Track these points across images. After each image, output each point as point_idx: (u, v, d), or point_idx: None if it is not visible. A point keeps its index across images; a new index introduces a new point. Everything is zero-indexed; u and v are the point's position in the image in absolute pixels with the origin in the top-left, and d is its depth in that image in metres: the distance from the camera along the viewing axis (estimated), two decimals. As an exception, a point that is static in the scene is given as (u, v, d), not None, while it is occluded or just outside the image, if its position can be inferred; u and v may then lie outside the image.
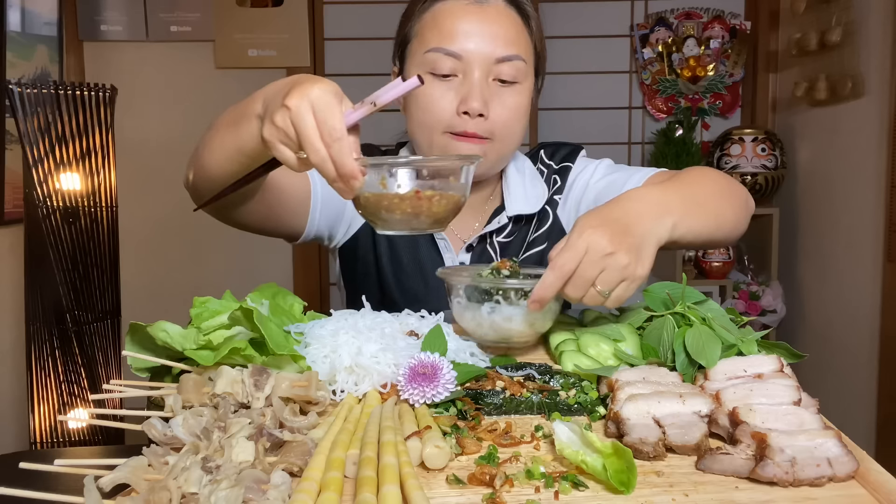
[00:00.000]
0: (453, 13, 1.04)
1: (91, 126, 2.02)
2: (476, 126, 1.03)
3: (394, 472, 0.55)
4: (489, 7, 1.04)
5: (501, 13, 1.05)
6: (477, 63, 1.03)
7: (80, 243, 2.02)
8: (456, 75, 1.04)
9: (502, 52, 1.03)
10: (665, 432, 0.62)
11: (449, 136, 1.05)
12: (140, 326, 0.76)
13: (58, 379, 2.04)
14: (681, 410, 0.64)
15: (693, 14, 3.02)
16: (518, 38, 1.06)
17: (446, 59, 1.03)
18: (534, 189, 1.18)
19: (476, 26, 1.03)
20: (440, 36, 1.03)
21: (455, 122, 1.04)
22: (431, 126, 1.05)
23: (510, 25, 1.05)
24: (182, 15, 2.91)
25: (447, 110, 1.04)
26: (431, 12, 1.06)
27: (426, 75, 1.03)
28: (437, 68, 1.03)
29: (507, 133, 1.07)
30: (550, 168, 1.22)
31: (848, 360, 2.44)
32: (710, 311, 0.80)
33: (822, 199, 2.61)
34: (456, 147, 1.05)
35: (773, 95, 2.95)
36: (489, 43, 1.03)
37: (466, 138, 1.04)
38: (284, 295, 0.89)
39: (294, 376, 0.70)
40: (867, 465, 0.58)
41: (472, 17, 1.03)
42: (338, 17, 2.99)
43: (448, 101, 1.04)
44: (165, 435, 0.61)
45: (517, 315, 0.85)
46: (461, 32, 1.03)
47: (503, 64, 1.04)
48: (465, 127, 1.03)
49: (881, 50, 2.22)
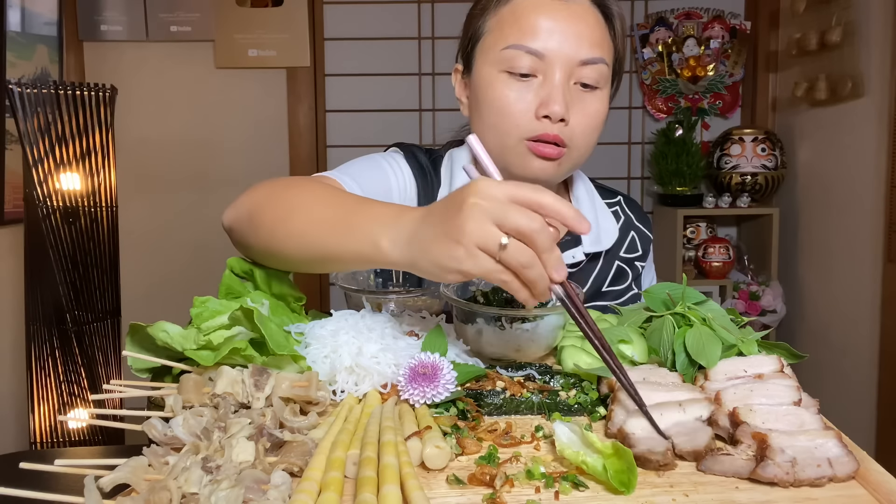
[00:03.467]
0: (536, 8, 0.96)
1: (91, 126, 2.02)
2: (557, 130, 0.96)
3: (394, 473, 0.55)
4: (574, 4, 0.97)
5: (587, 12, 0.97)
6: (559, 63, 0.95)
7: (80, 243, 2.02)
8: (536, 76, 0.96)
9: (587, 54, 0.96)
10: (672, 442, 0.61)
11: (525, 145, 0.97)
12: (140, 327, 0.76)
13: (58, 379, 2.04)
14: (683, 419, 0.64)
15: (693, 14, 3.02)
16: (602, 40, 0.98)
17: (527, 56, 0.95)
18: (605, 222, 1.13)
19: (560, 24, 0.95)
20: (521, 32, 0.95)
21: (534, 126, 0.96)
22: (506, 130, 0.98)
23: (595, 26, 0.97)
24: (182, 15, 2.91)
25: (525, 114, 0.96)
26: (511, 6, 0.98)
27: (502, 74, 0.97)
28: (515, 67, 0.96)
29: (583, 142, 0.99)
30: (631, 222, 1.18)
31: (848, 360, 2.44)
32: (710, 312, 0.80)
33: (822, 199, 2.61)
34: (531, 158, 0.98)
35: (773, 95, 2.95)
36: (573, 43, 0.95)
37: (545, 144, 0.96)
38: (283, 291, 0.89)
39: (294, 376, 0.70)
40: (867, 465, 0.58)
41: (556, 14, 0.95)
42: (338, 17, 2.99)
43: (526, 104, 0.96)
44: (165, 435, 0.61)
45: (505, 339, 0.82)
46: (544, 29, 0.95)
47: (586, 67, 0.96)
48: (544, 130, 0.96)
49: (881, 50, 2.22)
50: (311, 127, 3.01)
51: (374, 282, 1.06)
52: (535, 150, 0.97)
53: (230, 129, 2.98)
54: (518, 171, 1.00)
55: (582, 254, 1.10)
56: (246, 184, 0.94)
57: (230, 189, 3.13)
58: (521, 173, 1.00)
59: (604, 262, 1.13)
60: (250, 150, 3.00)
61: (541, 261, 0.63)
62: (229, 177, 3.00)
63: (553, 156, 0.97)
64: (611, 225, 1.14)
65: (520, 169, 1.00)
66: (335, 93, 3.03)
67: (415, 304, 0.95)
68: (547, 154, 0.97)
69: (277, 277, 0.89)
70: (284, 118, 3.01)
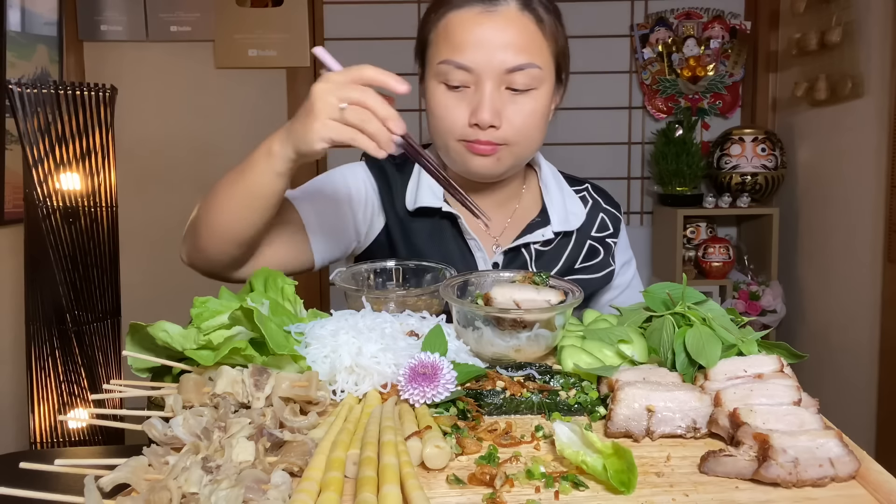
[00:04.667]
0: (463, 24, 1.03)
1: (91, 126, 2.02)
2: (488, 136, 1.04)
3: (394, 472, 0.55)
4: (499, 15, 1.02)
5: (513, 20, 1.02)
6: (487, 75, 1.02)
7: (80, 243, 2.02)
8: (468, 86, 1.03)
9: (513, 62, 1.01)
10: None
11: (463, 145, 1.06)
12: (140, 326, 0.76)
13: (58, 379, 2.04)
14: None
15: (693, 14, 3.02)
16: (531, 45, 1.03)
17: (457, 71, 1.02)
18: (572, 206, 1.22)
19: (487, 36, 1.01)
20: (450, 48, 1.03)
21: (467, 133, 1.05)
22: (444, 134, 1.08)
23: (522, 32, 1.02)
24: (182, 15, 2.91)
25: (459, 121, 1.05)
26: (444, 21, 1.05)
27: (440, 85, 1.05)
28: (449, 80, 1.04)
29: (522, 138, 1.07)
30: (599, 205, 1.27)
31: (848, 360, 2.44)
32: (710, 311, 0.80)
33: (822, 199, 2.61)
34: (469, 156, 1.07)
35: (773, 95, 2.95)
36: (500, 53, 1.01)
37: (480, 145, 1.05)
38: (275, 277, 0.89)
39: (294, 376, 0.70)
40: (867, 465, 0.58)
41: (482, 27, 1.01)
42: (338, 17, 2.99)
43: (461, 112, 1.04)
44: (165, 435, 0.61)
45: (502, 342, 0.83)
46: (470, 44, 1.01)
47: (515, 73, 1.02)
48: (476, 136, 1.04)
49: (881, 50, 2.22)
50: (311, 127, 3.01)
51: (375, 282, 1.06)
52: (470, 148, 1.06)
53: (230, 129, 2.98)
54: (460, 168, 1.11)
55: (551, 232, 1.18)
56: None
57: (230, 189, 3.13)
58: (462, 170, 1.11)
59: (575, 241, 1.22)
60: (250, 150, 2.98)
61: (379, 119, 0.83)
62: (229, 177, 3.00)
63: (488, 152, 1.06)
64: (578, 208, 1.22)
65: (461, 166, 1.10)
66: (335, 93, 3.03)
67: (415, 305, 0.95)
68: (482, 151, 1.05)
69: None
70: (284, 118, 3.00)
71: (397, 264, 1.07)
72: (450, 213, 1.14)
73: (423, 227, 1.15)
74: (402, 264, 1.07)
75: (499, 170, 1.10)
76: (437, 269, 1.05)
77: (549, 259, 1.20)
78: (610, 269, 1.25)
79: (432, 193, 1.14)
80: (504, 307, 0.83)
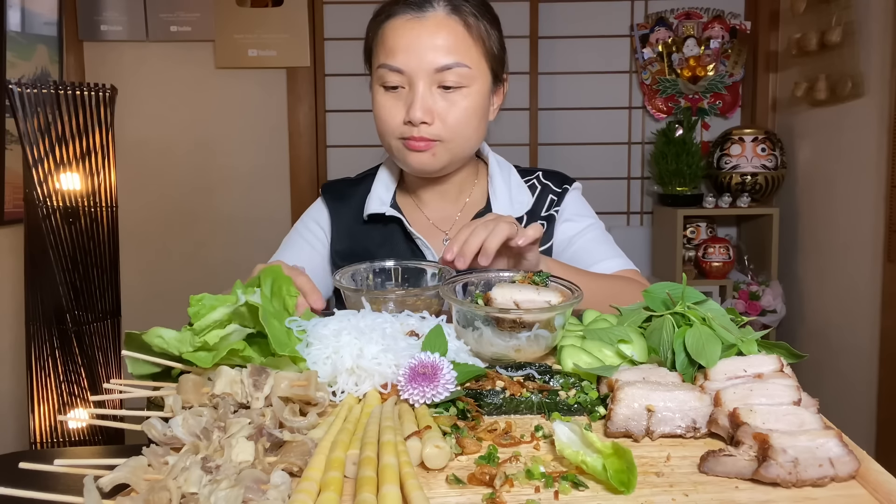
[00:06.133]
0: (395, 30, 1.12)
1: (91, 126, 2.02)
2: (421, 132, 1.12)
3: (394, 472, 0.55)
4: (427, 21, 1.11)
5: (441, 24, 1.11)
6: (418, 75, 1.10)
7: (80, 243, 2.02)
8: (403, 87, 1.13)
9: (442, 62, 1.10)
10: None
11: (402, 142, 1.14)
12: (136, 335, 0.75)
13: (58, 379, 2.04)
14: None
15: (693, 14, 3.02)
16: (459, 46, 1.11)
17: (392, 74, 1.12)
18: (519, 195, 1.27)
19: (417, 40, 1.10)
20: (386, 52, 1.13)
21: (403, 130, 1.13)
22: (386, 133, 1.16)
23: (450, 34, 1.11)
24: (182, 15, 2.92)
25: (396, 119, 1.13)
26: (382, 30, 1.15)
27: (380, 87, 1.14)
28: (386, 82, 1.13)
29: (456, 134, 1.14)
30: (547, 188, 1.30)
31: (848, 360, 2.44)
32: (710, 311, 0.80)
33: (822, 199, 2.61)
34: (406, 153, 1.15)
35: (773, 95, 2.95)
36: (429, 55, 1.10)
37: (415, 142, 1.13)
38: (283, 284, 0.87)
39: (293, 375, 0.70)
40: (867, 465, 0.58)
41: (412, 32, 1.11)
42: (338, 17, 3.00)
43: (397, 112, 1.13)
44: (165, 435, 0.61)
45: (502, 342, 0.83)
46: (401, 48, 1.11)
47: (445, 72, 1.11)
48: (411, 133, 1.12)
49: (881, 50, 2.22)
50: (311, 127, 3.01)
51: (374, 282, 1.06)
52: (407, 145, 1.14)
53: (230, 129, 2.98)
54: (402, 164, 1.20)
55: None
56: (246, 184, 0.97)
57: (230, 189, 3.14)
58: (404, 166, 1.20)
59: (526, 224, 1.24)
60: (250, 150, 3.00)
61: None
62: (229, 177, 3.00)
63: (423, 148, 1.14)
64: (525, 196, 1.28)
65: (402, 162, 1.19)
66: (335, 93, 3.03)
67: (414, 304, 0.95)
68: (417, 147, 1.13)
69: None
70: (284, 118, 3.01)
71: (396, 264, 1.07)
72: (395, 217, 1.23)
73: (376, 233, 1.26)
74: (401, 264, 1.07)
75: (435, 165, 1.16)
76: (438, 268, 1.05)
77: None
78: (549, 245, 1.27)
79: (379, 201, 1.24)
80: (504, 307, 0.83)
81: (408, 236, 1.24)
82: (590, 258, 1.24)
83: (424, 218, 1.27)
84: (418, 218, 1.27)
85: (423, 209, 1.28)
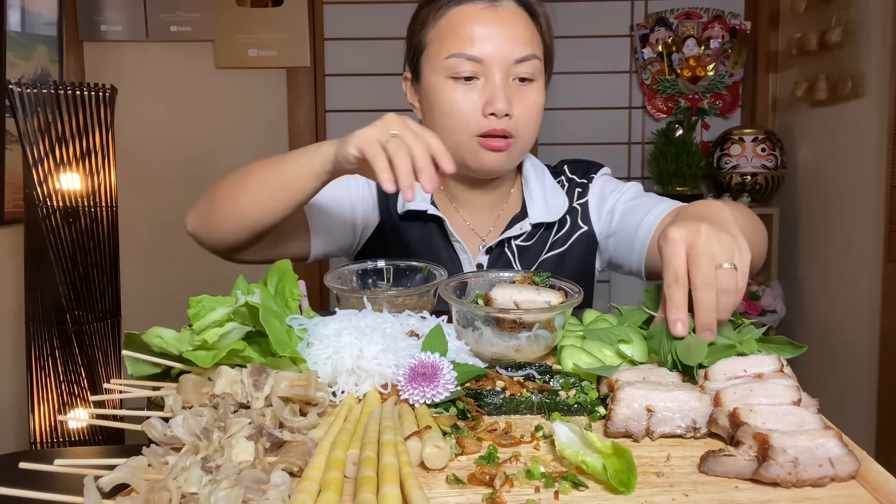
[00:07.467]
0: (470, 17, 1.07)
1: (91, 126, 2.02)
2: (504, 124, 1.07)
3: (394, 472, 0.55)
4: (502, 9, 1.08)
5: (515, 14, 1.08)
6: (497, 65, 1.06)
7: (80, 243, 2.02)
8: (478, 78, 1.07)
9: (520, 53, 1.07)
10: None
11: (476, 141, 1.08)
12: (135, 336, 0.75)
13: (58, 379, 2.04)
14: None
15: (693, 14, 3.02)
16: (532, 38, 1.09)
17: (467, 63, 1.06)
18: (554, 198, 1.22)
19: (493, 29, 1.06)
20: (459, 41, 1.07)
21: (482, 123, 1.07)
22: (458, 129, 1.09)
23: (524, 25, 1.08)
24: (182, 15, 2.91)
25: (473, 113, 1.07)
26: (447, 18, 1.09)
27: (448, 80, 1.08)
28: (459, 72, 1.07)
29: (527, 130, 1.11)
30: (573, 182, 1.26)
31: (848, 360, 2.44)
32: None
33: (822, 199, 2.61)
34: (482, 152, 1.09)
35: (773, 95, 2.95)
36: (507, 44, 1.06)
37: (494, 138, 1.08)
38: (286, 283, 0.87)
39: (293, 375, 0.70)
40: (867, 465, 0.58)
41: (488, 21, 1.06)
42: (338, 17, 2.99)
43: (473, 104, 1.07)
44: (165, 435, 0.61)
45: (500, 342, 0.83)
46: (479, 36, 1.06)
47: (521, 64, 1.07)
48: (492, 126, 1.07)
49: (881, 50, 2.22)
50: (311, 127, 3.01)
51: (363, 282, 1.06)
52: (485, 144, 1.08)
53: (230, 129, 2.98)
54: (472, 164, 1.11)
55: (528, 224, 1.19)
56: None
57: (230, 189, 3.12)
58: (475, 167, 1.12)
59: (559, 227, 1.22)
60: (250, 150, 3.00)
61: (414, 165, 0.83)
62: (229, 177, 2.99)
63: (502, 147, 1.08)
64: (560, 199, 1.23)
65: (474, 163, 1.11)
66: (335, 93, 3.03)
67: (403, 304, 0.95)
68: (496, 147, 1.08)
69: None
70: (284, 118, 3.01)
71: (387, 264, 1.07)
72: (436, 216, 1.17)
73: (414, 229, 1.19)
74: (392, 264, 1.07)
75: (508, 165, 1.14)
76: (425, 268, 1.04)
77: (533, 254, 1.20)
78: (581, 232, 1.21)
79: (420, 197, 1.16)
80: (504, 307, 0.83)
81: (447, 238, 1.19)
82: (640, 211, 1.15)
83: (462, 220, 1.21)
84: (457, 220, 1.20)
85: (460, 210, 1.21)
